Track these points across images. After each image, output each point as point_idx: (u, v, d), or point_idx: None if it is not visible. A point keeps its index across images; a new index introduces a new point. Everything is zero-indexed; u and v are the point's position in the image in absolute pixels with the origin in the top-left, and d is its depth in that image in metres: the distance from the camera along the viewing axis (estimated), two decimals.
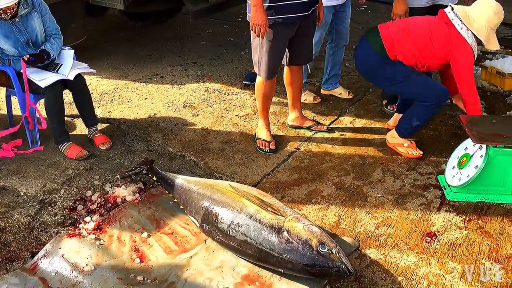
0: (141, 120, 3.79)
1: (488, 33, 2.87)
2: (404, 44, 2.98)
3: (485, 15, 2.86)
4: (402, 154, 3.22)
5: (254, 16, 2.84)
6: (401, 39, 2.99)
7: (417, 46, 2.97)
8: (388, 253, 2.43)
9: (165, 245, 2.51)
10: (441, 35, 2.93)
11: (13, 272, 2.32)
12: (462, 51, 2.91)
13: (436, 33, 2.94)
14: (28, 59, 3.09)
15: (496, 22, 2.88)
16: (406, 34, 2.99)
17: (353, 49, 5.07)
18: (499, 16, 2.88)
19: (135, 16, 5.86)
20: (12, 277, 2.29)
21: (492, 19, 2.86)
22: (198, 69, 4.74)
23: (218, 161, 3.25)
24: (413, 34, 2.99)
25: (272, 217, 2.30)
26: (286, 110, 3.80)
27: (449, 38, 2.92)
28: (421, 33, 2.98)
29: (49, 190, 2.95)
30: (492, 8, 2.87)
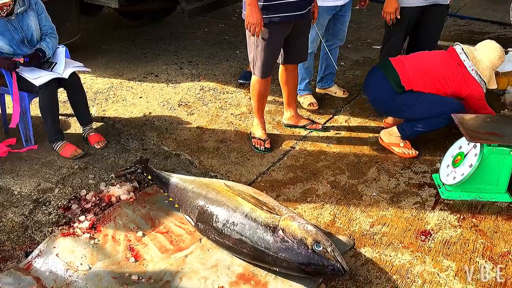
0: (136, 119, 3.78)
1: (490, 74, 3.07)
2: (421, 84, 3.09)
3: (490, 58, 3.04)
4: (397, 154, 3.22)
5: (249, 15, 2.84)
6: (419, 78, 3.09)
7: (435, 86, 3.09)
8: (383, 252, 2.43)
9: (160, 244, 2.50)
10: (455, 76, 3.07)
11: (7, 272, 2.31)
12: (475, 90, 3.07)
13: (451, 74, 3.08)
14: (24, 61, 3.07)
15: (498, 65, 3.09)
16: (423, 74, 3.10)
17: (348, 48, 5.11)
18: (502, 60, 3.08)
19: (130, 15, 5.84)
20: (6, 276, 2.28)
21: (495, 62, 3.06)
22: (193, 68, 4.73)
23: (213, 160, 3.25)
24: (429, 74, 3.10)
25: (267, 216, 2.30)
26: (281, 109, 3.80)
27: (463, 79, 3.07)
28: (437, 74, 3.09)
29: (43, 189, 2.94)
30: (496, 52, 3.05)
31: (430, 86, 3.08)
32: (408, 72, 3.10)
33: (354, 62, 4.85)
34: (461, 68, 3.06)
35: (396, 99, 3.11)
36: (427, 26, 3.53)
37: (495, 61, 3.04)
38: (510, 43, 5.17)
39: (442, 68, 3.09)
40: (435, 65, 3.11)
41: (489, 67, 3.04)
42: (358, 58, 4.95)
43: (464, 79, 3.06)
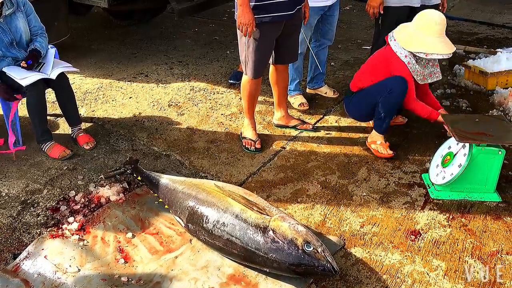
0: (125, 119, 3.75)
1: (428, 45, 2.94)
2: (358, 81, 3.29)
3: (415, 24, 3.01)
4: (373, 151, 3.24)
5: (240, 15, 2.83)
6: (357, 78, 3.33)
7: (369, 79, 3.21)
8: (373, 252, 2.44)
9: (150, 246, 2.49)
10: (381, 60, 3.18)
11: None
12: (398, 67, 3.07)
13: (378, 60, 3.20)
14: (27, 63, 3.06)
15: (425, 25, 2.96)
16: (360, 73, 3.31)
17: (338, 48, 5.13)
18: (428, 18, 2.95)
19: (119, 15, 5.81)
20: None
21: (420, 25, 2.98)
22: (183, 68, 4.72)
23: (203, 160, 3.24)
24: (365, 70, 3.29)
25: (257, 217, 2.30)
26: (271, 109, 3.80)
27: (385, 58, 3.14)
28: (369, 67, 3.26)
29: (31, 190, 2.91)
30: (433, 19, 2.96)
31: (366, 80, 3.22)
32: (353, 78, 3.36)
33: (344, 63, 4.87)
34: (386, 50, 3.14)
35: (351, 102, 3.34)
36: None
37: (420, 23, 2.98)
38: (499, 44, 5.23)
39: (372, 59, 3.27)
40: (369, 60, 3.31)
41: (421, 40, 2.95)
42: (348, 59, 4.96)
43: (385, 58, 3.12)
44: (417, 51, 2.97)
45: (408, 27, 3.07)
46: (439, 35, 2.96)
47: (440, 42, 2.96)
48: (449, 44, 2.99)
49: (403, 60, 3.05)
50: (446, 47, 2.97)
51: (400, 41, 3.04)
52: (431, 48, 2.95)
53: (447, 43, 2.99)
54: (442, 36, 2.97)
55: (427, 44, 2.95)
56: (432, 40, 2.95)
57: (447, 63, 4.73)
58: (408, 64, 3.04)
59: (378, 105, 3.14)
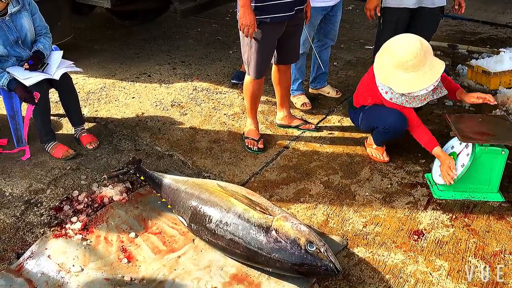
0: (128, 119, 3.76)
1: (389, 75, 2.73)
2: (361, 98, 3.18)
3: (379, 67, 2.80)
4: (368, 154, 3.24)
5: (242, 16, 2.83)
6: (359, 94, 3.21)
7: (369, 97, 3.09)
8: (376, 252, 2.44)
9: (153, 245, 2.49)
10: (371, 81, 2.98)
11: None
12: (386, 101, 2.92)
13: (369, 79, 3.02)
14: (28, 63, 3.07)
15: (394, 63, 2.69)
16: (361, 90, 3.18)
17: (341, 48, 5.13)
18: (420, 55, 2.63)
19: (122, 15, 5.82)
20: None
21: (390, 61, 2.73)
22: (186, 68, 4.72)
23: (206, 160, 3.24)
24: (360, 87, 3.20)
25: (260, 216, 2.30)
26: (274, 109, 3.81)
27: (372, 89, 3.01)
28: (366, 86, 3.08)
29: (35, 190, 2.92)
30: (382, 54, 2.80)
31: (364, 101, 3.13)
32: (356, 92, 3.25)
33: (347, 62, 4.86)
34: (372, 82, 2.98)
35: (355, 116, 3.24)
36: (418, 28, 3.53)
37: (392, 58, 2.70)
38: (502, 44, 5.22)
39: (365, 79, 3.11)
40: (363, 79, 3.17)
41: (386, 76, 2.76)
42: (351, 58, 4.96)
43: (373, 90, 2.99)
44: (396, 91, 2.75)
45: (385, 55, 2.78)
46: (416, 69, 2.64)
47: (418, 77, 2.65)
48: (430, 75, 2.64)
49: (385, 97, 2.87)
50: (425, 80, 2.64)
51: (378, 77, 2.81)
52: (408, 87, 2.68)
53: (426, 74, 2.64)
54: (421, 69, 2.64)
55: (403, 82, 2.68)
56: (408, 77, 2.66)
57: (450, 62, 4.73)
58: (391, 100, 2.86)
59: (374, 131, 3.13)
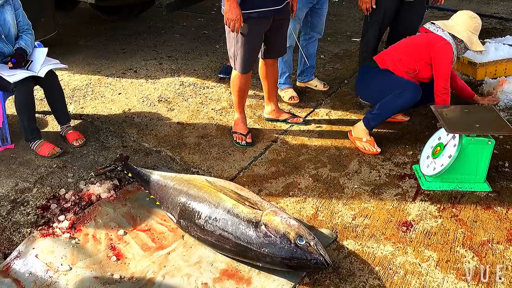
0: (115, 116, 3.72)
1: (469, 35, 3.12)
2: (391, 55, 3.28)
3: (462, 21, 3.14)
4: (359, 148, 3.24)
5: (228, 11, 2.81)
6: (388, 53, 3.32)
7: (401, 55, 3.24)
8: (365, 244, 2.45)
9: (142, 242, 2.48)
10: (420, 40, 3.23)
11: None
12: (441, 46, 3.13)
13: (415, 39, 3.26)
14: (12, 62, 3.02)
15: (474, 25, 3.13)
16: (391, 49, 3.32)
17: (328, 41, 5.12)
18: (476, 21, 3.14)
19: (107, 10, 5.75)
20: None
21: (469, 23, 3.12)
22: (172, 63, 4.69)
23: (194, 155, 3.22)
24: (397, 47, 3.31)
25: (249, 211, 2.29)
26: (262, 103, 3.80)
27: (427, 40, 3.18)
28: (403, 44, 3.30)
29: (21, 189, 2.88)
30: (467, 14, 3.16)
31: (397, 55, 3.24)
32: (381, 55, 3.36)
33: (334, 55, 4.86)
34: (428, 35, 3.20)
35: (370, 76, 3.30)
36: (404, 19, 3.55)
37: (468, 21, 3.12)
38: (487, 34, 5.25)
39: (408, 39, 3.29)
40: (404, 41, 3.32)
41: (465, 29, 3.11)
42: (338, 51, 4.96)
43: (428, 39, 3.16)
44: (463, 39, 3.10)
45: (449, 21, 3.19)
46: (476, 32, 3.13)
47: (477, 39, 3.13)
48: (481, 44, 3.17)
49: (451, 43, 3.11)
50: (480, 45, 3.16)
51: (447, 26, 3.14)
52: (472, 43, 3.11)
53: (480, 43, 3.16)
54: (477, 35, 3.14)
55: (469, 37, 3.10)
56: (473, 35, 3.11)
57: None
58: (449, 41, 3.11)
59: (383, 100, 3.14)
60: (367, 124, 3.22)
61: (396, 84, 3.15)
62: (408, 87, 3.10)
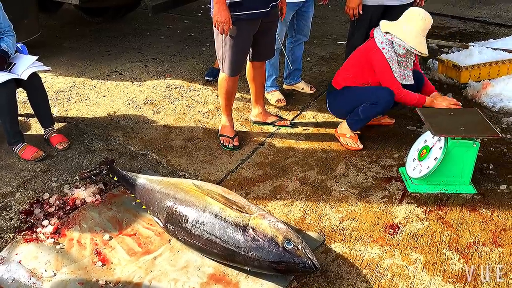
0: (100, 119, 3.68)
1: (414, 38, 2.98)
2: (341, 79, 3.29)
3: (411, 22, 2.99)
4: (342, 144, 3.30)
5: (217, 13, 2.79)
6: (339, 75, 3.32)
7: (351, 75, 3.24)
8: (353, 247, 2.45)
9: (128, 247, 2.44)
10: (359, 51, 3.23)
11: None
12: (372, 54, 3.11)
13: (356, 53, 3.26)
14: None
15: (423, 26, 2.98)
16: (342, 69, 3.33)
17: (314, 44, 5.14)
18: (425, 22, 2.98)
19: (91, 12, 5.69)
20: None
21: (418, 24, 2.97)
22: (158, 65, 4.65)
23: (181, 159, 3.20)
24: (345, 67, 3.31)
25: (237, 215, 2.28)
26: (249, 106, 3.79)
27: (363, 48, 3.19)
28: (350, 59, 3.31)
29: (3, 193, 2.82)
30: (417, 14, 3.00)
31: (350, 80, 3.24)
32: (336, 78, 3.35)
33: (320, 58, 4.88)
34: (368, 42, 3.19)
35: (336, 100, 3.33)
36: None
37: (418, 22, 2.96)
38: (470, 38, 5.32)
39: (355, 54, 3.27)
40: (352, 56, 3.31)
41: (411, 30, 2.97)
42: (324, 54, 4.98)
43: (364, 49, 3.16)
44: (396, 36, 3.00)
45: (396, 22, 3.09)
46: (420, 31, 2.98)
47: (417, 36, 2.98)
48: (425, 45, 3.02)
49: (379, 46, 3.07)
50: (422, 45, 3.00)
51: (382, 25, 3.09)
52: (408, 39, 2.97)
53: (423, 43, 3.01)
54: (422, 34, 2.99)
55: (405, 34, 2.98)
56: (411, 32, 2.97)
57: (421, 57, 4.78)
58: (383, 49, 3.06)
59: (360, 107, 3.17)
60: (350, 126, 3.28)
61: (367, 94, 3.15)
62: (382, 95, 3.08)
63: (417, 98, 3.09)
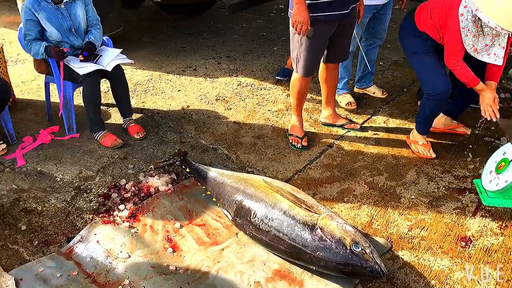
0: (174, 112, 3.82)
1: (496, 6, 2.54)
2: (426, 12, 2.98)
3: None
4: (413, 151, 3.23)
5: (296, 13, 2.82)
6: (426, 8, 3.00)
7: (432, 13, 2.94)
8: (421, 256, 2.40)
9: (197, 236, 2.53)
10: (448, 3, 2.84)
11: (49, 256, 2.38)
12: (451, 15, 2.77)
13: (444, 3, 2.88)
14: (83, 55, 3.18)
15: None
16: (427, 7, 3.00)
17: (387, 48, 5.04)
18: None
19: (170, 9, 5.90)
20: (48, 260, 2.35)
21: None
22: (230, 63, 4.75)
23: (250, 155, 3.26)
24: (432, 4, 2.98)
25: (305, 214, 2.30)
26: (318, 107, 3.79)
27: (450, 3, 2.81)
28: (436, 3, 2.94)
29: (84, 177, 3.01)
30: None
31: (429, 24, 2.94)
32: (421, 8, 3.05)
33: (393, 63, 4.78)
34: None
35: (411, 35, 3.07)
36: None
37: None
38: None
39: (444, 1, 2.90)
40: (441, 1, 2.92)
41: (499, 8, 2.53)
42: (398, 59, 4.87)
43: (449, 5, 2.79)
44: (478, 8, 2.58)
45: None
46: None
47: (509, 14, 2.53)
48: None
49: (460, 10, 2.70)
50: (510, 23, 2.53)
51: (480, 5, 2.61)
52: (493, 14, 2.53)
53: None
54: None
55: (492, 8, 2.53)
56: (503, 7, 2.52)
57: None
58: (461, 15, 2.70)
59: (420, 106, 3.13)
60: (418, 129, 3.22)
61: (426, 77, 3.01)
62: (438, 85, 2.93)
63: (470, 77, 2.84)
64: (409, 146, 3.27)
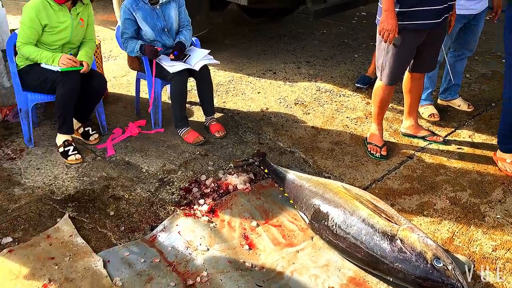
0: (253, 113, 3.90)
1: None
2: None
3: None
4: (500, 169, 3.08)
5: (384, 21, 2.79)
6: None
7: None
8: (506, 279, 2.29)
9: (273, 236, 2.57)
10: None
11: (134, 242, 2.52)
12: None
13: None
14: (174, 54, 3.35)
15: None
16: None
17: (475, 60, 4.84)
18: None
19: (253, 12, 6.03)
20: (133, 246, 2.49)
21: None
22: (310, 68, 4.78)
23: (327, 161, 3.26)
24: None
25: (385, 224, 2.27)
26: (399, 116, 3.72)
27: None
28: None
29: (167, 170, 3.15)
30: None
31: None
32: None
33: (481, 75, 4.58)
34: None
35: None
36: None
37: None
38: None
39: None
40: None
41: None
42: (486, 71, 4.66)
43: None
44: None
45: None
46: None
47: None
48: None
49: None
50: None
51: None
52: None
53: None
54: None
55: None
56: None
57: None
58: None
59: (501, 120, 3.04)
60: (503, 150, 3.09)
61: None
62: None
63: None
64: (496, 163, 3.13)
